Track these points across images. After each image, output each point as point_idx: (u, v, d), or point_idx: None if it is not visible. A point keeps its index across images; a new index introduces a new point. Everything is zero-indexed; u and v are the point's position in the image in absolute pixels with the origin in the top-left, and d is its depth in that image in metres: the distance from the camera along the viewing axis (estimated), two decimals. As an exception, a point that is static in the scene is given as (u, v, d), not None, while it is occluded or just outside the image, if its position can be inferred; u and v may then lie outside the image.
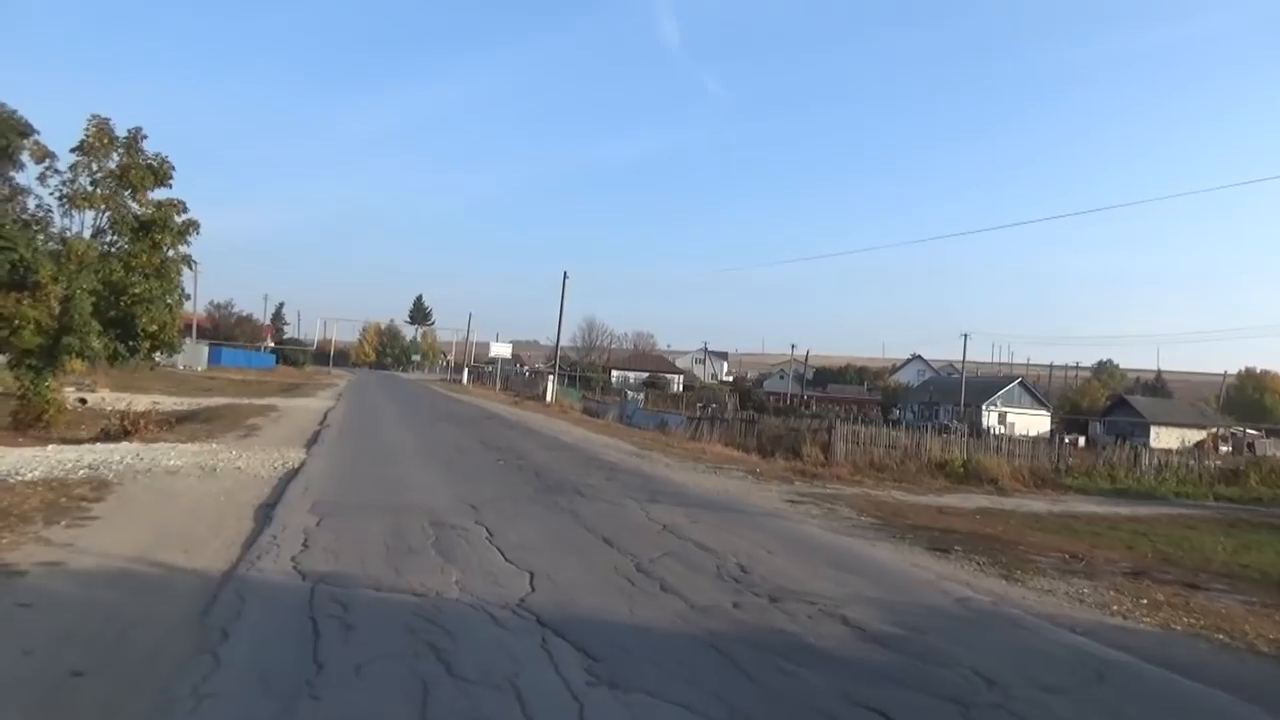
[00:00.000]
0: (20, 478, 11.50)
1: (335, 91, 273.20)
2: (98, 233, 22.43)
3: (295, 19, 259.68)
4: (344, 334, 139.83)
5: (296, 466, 14.34)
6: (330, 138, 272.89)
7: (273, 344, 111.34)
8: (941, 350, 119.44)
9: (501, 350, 78.38)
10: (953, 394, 73.75)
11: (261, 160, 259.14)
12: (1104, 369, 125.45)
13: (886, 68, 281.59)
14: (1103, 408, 74.25)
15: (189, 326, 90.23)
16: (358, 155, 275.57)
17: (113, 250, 22.56)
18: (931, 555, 10.64)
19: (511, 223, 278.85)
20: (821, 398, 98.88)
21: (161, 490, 11.02)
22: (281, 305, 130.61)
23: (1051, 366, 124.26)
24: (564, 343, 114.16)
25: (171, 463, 13.74)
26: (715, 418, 37.35)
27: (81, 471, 12.35)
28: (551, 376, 53.59)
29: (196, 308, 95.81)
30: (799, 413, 67.92)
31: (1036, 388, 79.99)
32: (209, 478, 12.42)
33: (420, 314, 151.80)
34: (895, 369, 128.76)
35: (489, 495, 12.44)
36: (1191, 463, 31.64)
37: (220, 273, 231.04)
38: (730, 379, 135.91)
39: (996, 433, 50.13)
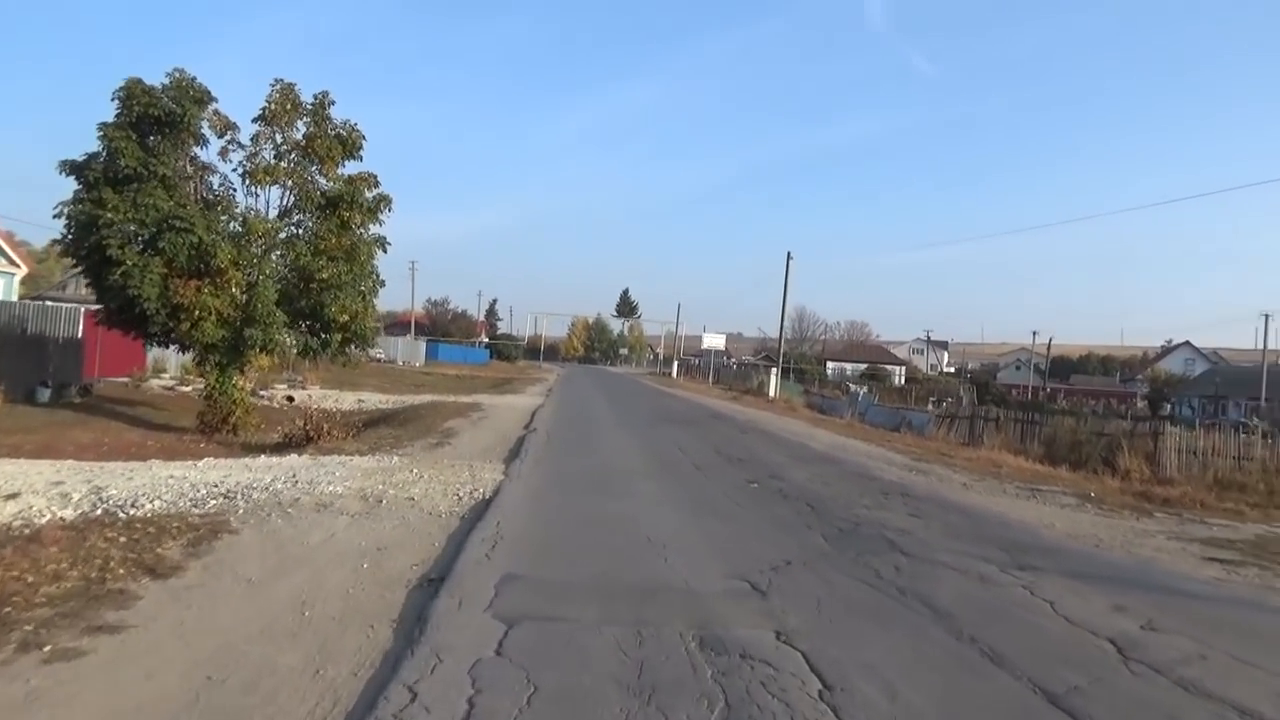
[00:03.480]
0: (127, 514, 8.25)
1: (543, 93, 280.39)
2: (284, 213, 19.92)
3: (500, 29, 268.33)
4: (553, 329, 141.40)
5: (488, 495, 10.46)
6: (540, 138, 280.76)
7: (486, 339, 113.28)
8: (1200, 337, 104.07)
9: (715, 341, 73.99)
10: (1246, 386, 62.19)
11: (475, 163, 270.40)
12: None
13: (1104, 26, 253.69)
14: None
15: (407, 323, 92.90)
16: (565, 153, 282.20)
17: (299, 231, 20.02)
18: None
19: (715, 216, 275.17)
20: (1070, 390, 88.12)
21: (286, 545, 7.30)
22: (494, 302, 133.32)
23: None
24: (773, 333, 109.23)
25: (331, 488, 10.24)
26: (980, 417, 31.34)
27: (212, 503, 9.03)
28: (774, 370, 48.61)
29: (414, 305, 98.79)
30: (1047, 408, 59.49)
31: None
32: (366, 518, 8.68)
33: (627, 307, 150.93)
34: (1148, 358, 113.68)
35: (767, 557, 7.92)
36: None
37: (437, 272, 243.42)
38: (952, 369, 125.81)
39: None
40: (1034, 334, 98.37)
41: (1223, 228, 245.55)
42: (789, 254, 47.58)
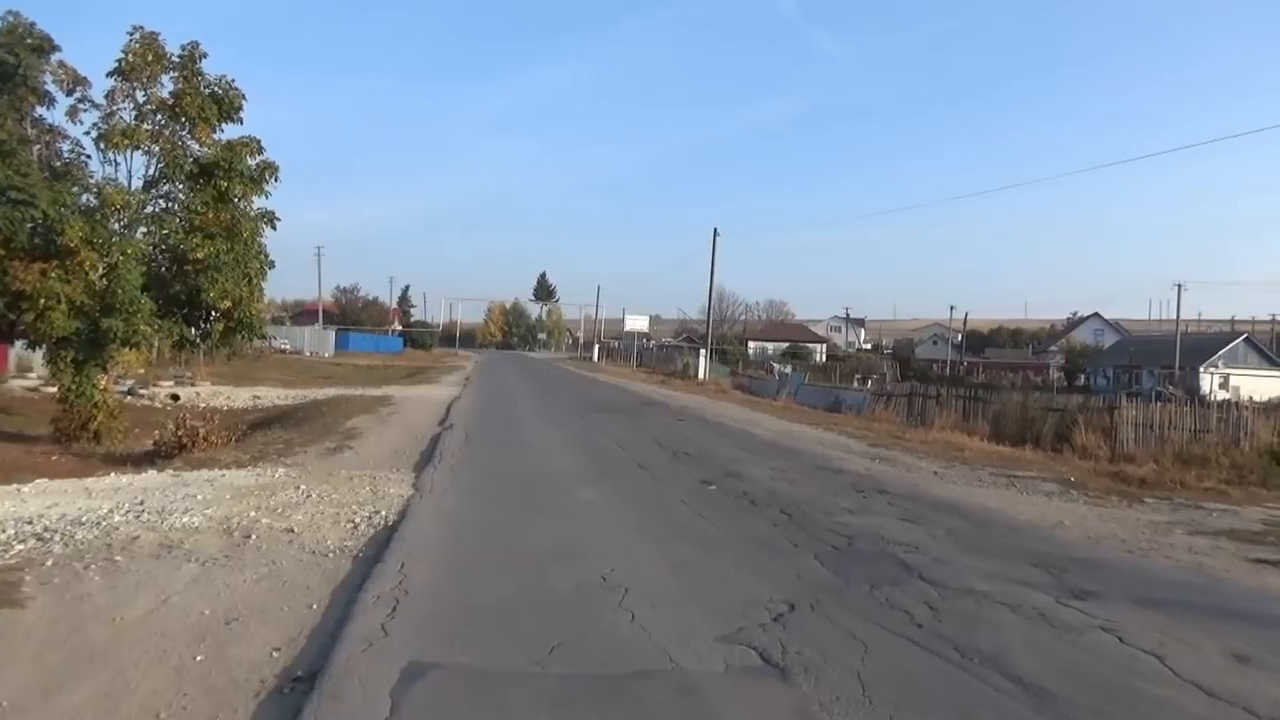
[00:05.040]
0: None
1: (458, 77, 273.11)
2: (150, 183, 17.17)
3: (417, 9, 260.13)
4: (469, 314, 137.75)
5: (392, 520, 8.29)
6: (454, 122, 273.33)
7: (400, 327, 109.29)
8: (1099, 310, 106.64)
9: (639, 324, 72.04)
10: (1158, 355, 63.31)
11: (388, 148, 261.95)
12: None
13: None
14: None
15: (315, 312, 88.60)
16: (481, 138, 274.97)
17: (169, 205, 17.31)
18: None
19: (633, 199, 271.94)
20: (987, 364, 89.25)
21: (89, 625, 5.04)
22: (407, 288, 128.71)
23: (1233, 320, 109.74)
24: (694, 314, 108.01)
25: (186, 519, 7.95)
26: (919, 394, 30.18)
27: (16, 548, 6.76)
28: (703, 352, 46.92)
29: (322, 293, 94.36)
30: (968, 382, 59.58)
31: (1265, 345, 68.11)
32: (222, 566, 6.43)
33: (544, 291, 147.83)
34: (1056, 330, 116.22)
35: (761, 598, 5.99)
36: None
37: (346, 259, 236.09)
38: (869, 346, 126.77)
39: (1219, 399, 40.66)
40: (951, 309, 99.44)
41: (1114, 205, 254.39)
42: (715, 230, 45.99)
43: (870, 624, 5.55)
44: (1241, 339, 64.57)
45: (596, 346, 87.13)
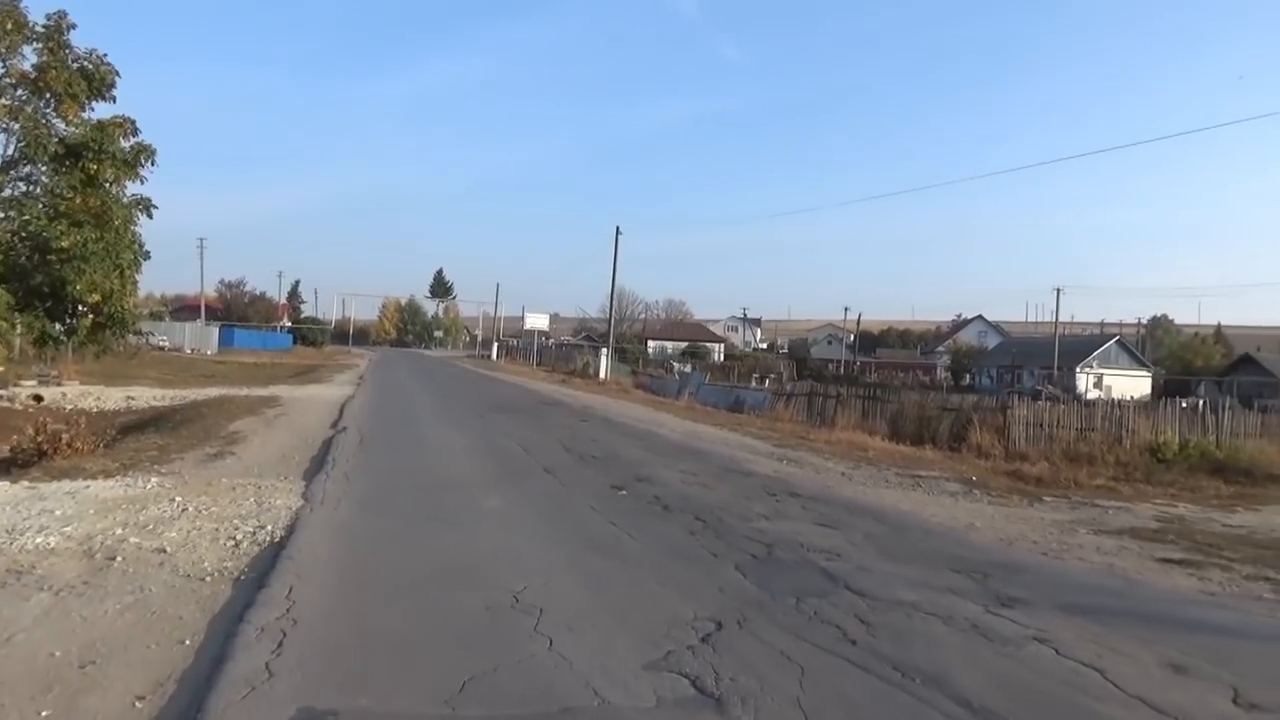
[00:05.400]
0: None
1: (350, 68, 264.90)
2: (8, 164, 15.73)
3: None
4: (363, 311, 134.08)
5: (279, 536, 7.58)
6: (345, 115, 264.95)
7: (289, 324, 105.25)
8: (980, 312, 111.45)
9: (539, 322, 71.16)
10: (1038, 356, 66.19)
11: (275, 138, 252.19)
12: (1158, 325, 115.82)
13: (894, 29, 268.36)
14: (1220, 367, 66.32)
15: (197, 307, 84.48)
16: (374, 132, 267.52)
17: (31, 188, 15.91)
18: None
19: (532, 197, 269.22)
20: (879, 364, 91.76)
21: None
22: (297, 283, 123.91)
23: (1103, 324, 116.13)
24: (594, 313, 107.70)
25: (41, 539, 7.08)
26: (819, 394, 30.50)
27: None
28: (605, 351, 46.50)
29: (204, 287, 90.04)
30: (862, 381, 61.15)
31: (1135, 346, 72.06)
32: (80, 595, 5.66)
33: (441, 288, 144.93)
34: (942, 332, 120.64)
35: (685, 615, 5.62)
36: None
37: (232, 252, 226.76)
38: (765, 345, 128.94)
39: (1093, 397, 42.86)
40: (845, 310, 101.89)
41: (993, 212, 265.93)
42: (618, 229, 45.68)
43: (802, 642, 5.24)
44: (1114, 341, 68.23)
45: (495, 344, 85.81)
